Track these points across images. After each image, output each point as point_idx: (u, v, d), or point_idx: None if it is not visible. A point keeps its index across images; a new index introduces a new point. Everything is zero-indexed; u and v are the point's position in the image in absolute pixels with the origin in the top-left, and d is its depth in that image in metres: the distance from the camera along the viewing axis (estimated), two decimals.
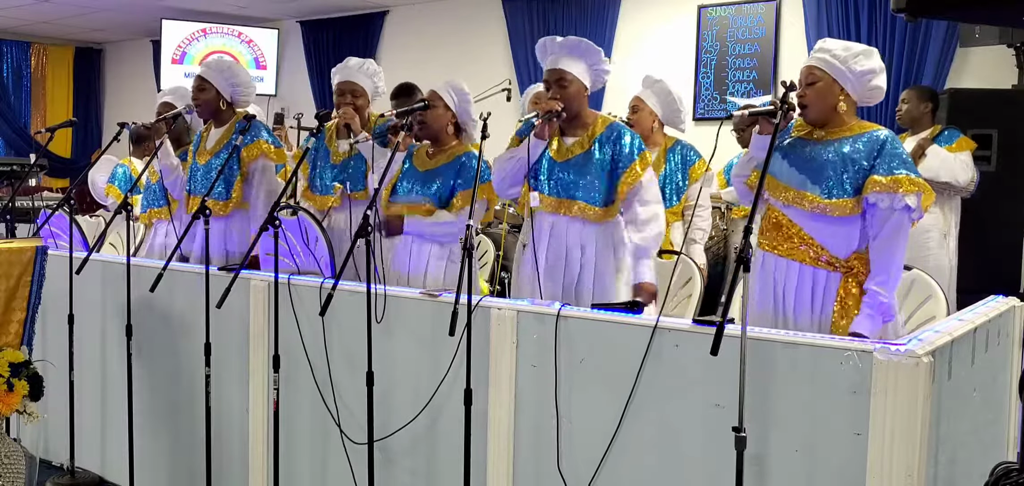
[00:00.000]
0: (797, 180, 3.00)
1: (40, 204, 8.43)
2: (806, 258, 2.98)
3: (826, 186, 2.94)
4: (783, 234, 3.04)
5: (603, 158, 3.47)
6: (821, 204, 2.94)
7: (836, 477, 2.37)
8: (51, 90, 13.25)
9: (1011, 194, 5.57)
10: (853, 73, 2.98)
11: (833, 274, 2.95)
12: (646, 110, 4.67)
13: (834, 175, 2.93)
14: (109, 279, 4.29)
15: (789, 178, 3.01)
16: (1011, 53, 6.09)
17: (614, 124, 3.56)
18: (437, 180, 3.78)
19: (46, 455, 4.63)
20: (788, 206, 3.02)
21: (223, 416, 3.78)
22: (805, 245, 2.99)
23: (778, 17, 7.73)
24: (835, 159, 2.95)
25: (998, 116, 5.70)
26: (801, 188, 2.98)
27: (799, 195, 2.98)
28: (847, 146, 2.97)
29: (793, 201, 3.00)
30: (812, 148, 3.03)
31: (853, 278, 2.94)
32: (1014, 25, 5.74)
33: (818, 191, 2.94)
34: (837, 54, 2.99)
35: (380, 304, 3.21)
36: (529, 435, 2.93)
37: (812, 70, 3.02)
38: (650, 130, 4.66)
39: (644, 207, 3.47)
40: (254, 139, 4.34)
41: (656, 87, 4.70)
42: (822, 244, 2.96)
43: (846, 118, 3.02)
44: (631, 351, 2.70)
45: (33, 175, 9.78)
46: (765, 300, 3.07)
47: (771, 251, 3.07)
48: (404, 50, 9.82)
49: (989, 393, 3.03)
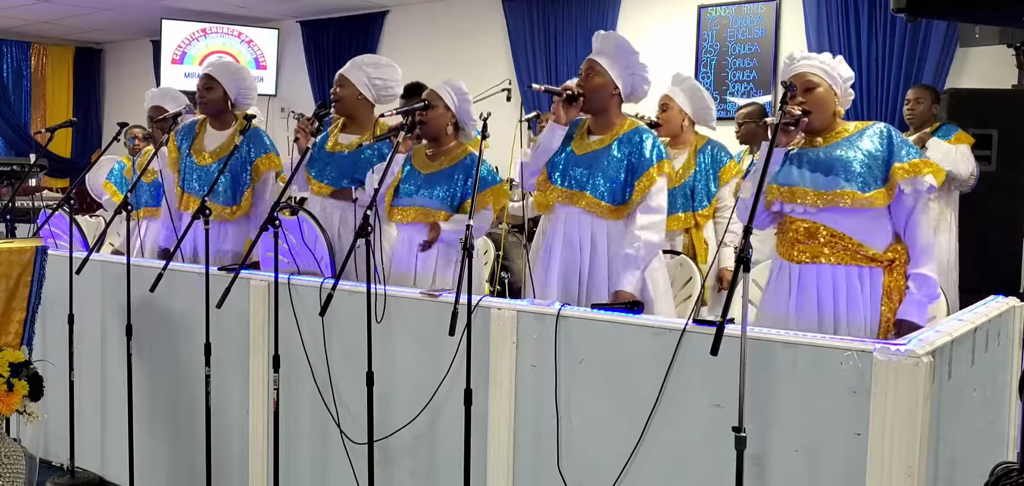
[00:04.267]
0: (827, 182, 2.97)
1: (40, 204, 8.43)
2: (850, 259, 2.97)
3: (861, 181, 2.94)
4: (820, 241, 3.00)
5: (621, 157, 3.40)
6: (861, 199, 2.93)
7: (836, 477, 2.37)
8: (51, 90, 13.26)
9: (1011, 194, 5.58)
10: (842, 78, 3.07)
11: (876, 270, 2.97)
12: (675, 108, 4.57)
13: (864, 170, 2.95)
14: (109, 279, 4.29)
15: (816, 183, 2.98)
16: (1011, 53, 6.09)
17: (639, 127, 3.48)
18: (443, 183, 3.77)
19: (46, 455, 4.63)
20: (822, 211, 2.98)
21: (223, 416, 3.78)
22: (845, 247, 2.97)
23: (778, 17, 7.73)
24: (859, 155, 2.96)
25: (998, 116, 5.71)
26: (834, 189, 2.95)
27: (835, 195, 2.95)
28: (860, 142, 2.99)
29: (830, 203, 2.96)
30: (825, 152, 3.01)
31: (897, 269, 2.97)
32: (1014, 25, 5.74)
33: (856, 187, 2.94)
34: (825, 61, 3.05)
35: (380, 304, 3.21)
36: (529, 435, 2.93)
37: (808, 78, 3.02)
38: (680, 129, 4.56)
39: (645, 215, 3.37)
40: (265, 151, 4.38)
41: (685, 84, 4.60)
42: (862, 242, 2.97)
43: (840, 121, 3.07)
44: (631, 351, 2.70)
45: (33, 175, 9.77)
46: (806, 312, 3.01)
47: (811, 261, 3.01)
48: (404, 50, 9.81)
49: (989, 393, 3.03)
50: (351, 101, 4.18)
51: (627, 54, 3.45)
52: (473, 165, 3.73)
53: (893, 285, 2.97)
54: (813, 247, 3.01)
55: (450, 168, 3.79)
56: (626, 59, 3.45)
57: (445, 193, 3.75)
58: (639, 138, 3.42)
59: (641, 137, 3.42)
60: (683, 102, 4.58)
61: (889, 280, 2.97)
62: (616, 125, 3.48)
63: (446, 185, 3.76)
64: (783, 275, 3.08)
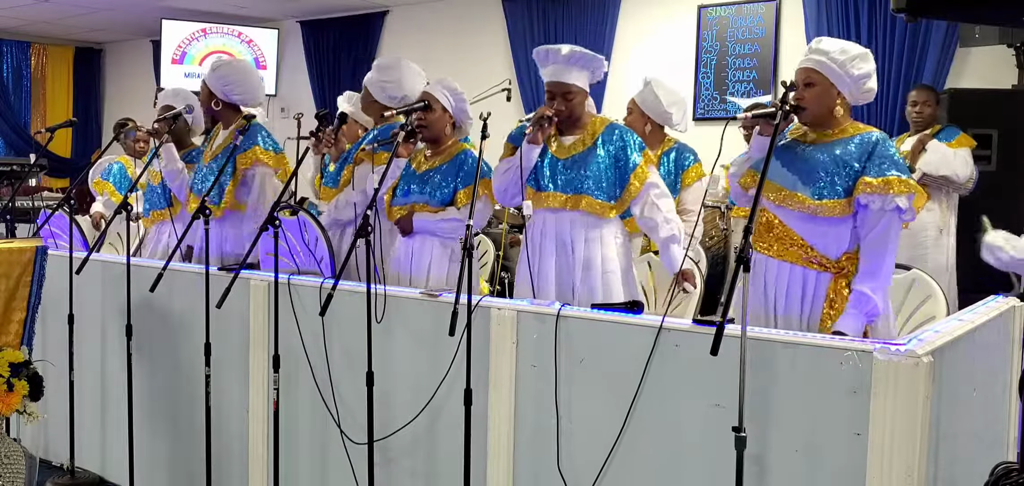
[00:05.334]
0: (788, 181, 2.99)
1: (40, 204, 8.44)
2: (796, 258, 2.98)
3: (817, 188, 2.93)
4: (774, 234, 3.04)
5: (606, 155, 3.48)
6: (811, 205, 2.93)
7: (836, 477, 2.37)
8: (51, 90, 13.25)
9: (1011, 194, 5.56)
10: (851, 77, 2.96)
11: (823, 274, 2.95)
12: (636, 112, 4.61)
13: (825, 177, 2.93)
14: (109, 279, 4.29)
15: (781, 179, 3.01)
16: (1011, 53, 6.08)
17: (612, 124, 3.57)
18: (435, 178, 3.79)
19: (46, 455, 4.63)
20: (779, 206, 3.02)
21: (223, 416, 3.78)
22: (795, 245, 2.98)
23: (778, 17, 7.73)
24: (827, 161, 2.94)
25: (998, 116, 5.70)
26: (792, 189, 2.98)
27: (790, 196, 2.98)
28: (839, 148, 2.96)
29: (784, 201, 2.99)
30: (805, 150, 3.02)
31: (843, 278, 2.93)
32: (1014, 25, 5.74)
33: (809, 192, 2.94)
34: (835, 57, 2.96)
35: (380, 304, 3.21)
36: (529, 435, 2.93)
37: (809, 72, 2.99)
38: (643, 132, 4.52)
39: (664, 200, 3.48)
40: (250, 145, 4.31)
41: (645, 89, 4.61)
42: (812, 245, 2.96)
43: (842, 120, 3.01)
44: (631, 351, 2.70)
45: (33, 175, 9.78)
46: (756, 299, 3.06)
47: (763, 251, 3.06)
48: (404, 50, 9.80)
49: (989, 393, 3.03)
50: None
51: (588, 61, 3.47)
52: (466, 160, 3.77)
53: (837, 293, 2.93)
54: (768, 239, 3.04)
55: (444, 165, 3.81)
56: (588, 65, 3.47)
57: (440, 190, 3.77)
58: (618, 135, 3.51)
59: (619, 133, 3.52)
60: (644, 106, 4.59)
61: (834, 288, 2.93)
62: (588, 122, 3.55)
63: (441, 182, 3.78)
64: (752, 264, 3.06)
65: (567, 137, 3.56)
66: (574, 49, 3.45)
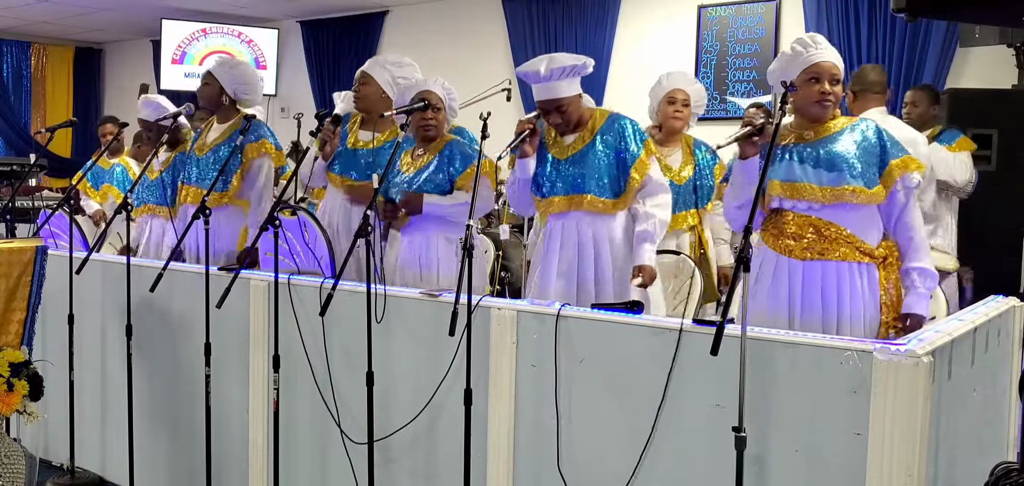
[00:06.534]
0: (833, 178, 2.95)
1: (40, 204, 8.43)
2: (852, 255, 2.97)
3: (866, 177, 2.95)
4: (825, 237, 2.98)
5: (606, 149, 3.49)
6: (866, 194, 2.94)
7: (836, 477, 2.37)
8: (51, 90, 13.25)
9: (1011, 194, 5.56)
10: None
11: (872, 265, 2.98)
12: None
13: (864, 166, 2.95)
14: (109, 279, 4.29)
15: (821, 179, 2.96)
16: (1011, 53, 6.08)
17: (613, 115, 3.57)
18: (431, 173, 3.81)
19: (46, 455, 4.63)
20: (828, 206, 2.96)
21: (223, 416, 3.78)
22: (848, 242, 2.97)
23: (778, 17, 7.73)
24: (857, 151, 2.96)
25: (998, 116, 5.69)
26: (841, 185, 2.94)
27: (840, 192, 2.94)
28: (853, 137, 2.99)
29: (835, 199, 2.95)
30: (822, 148, 3.00)
31: (889, 265, 3.00)
32: (1014, 25, 5.74)
33: (861, 182, 2.94)
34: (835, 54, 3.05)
35: (380, 304, 3.21)
36: (529, 435, 2.93)
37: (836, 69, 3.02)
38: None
39: (653, 196, 3.50)
40: (259, 137, 4.40)
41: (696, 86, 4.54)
42: (861, 237, 2.97)
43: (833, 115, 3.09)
44: (631, 351, 2.70)
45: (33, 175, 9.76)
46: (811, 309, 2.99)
47: (817, 257, 2.98)
48: (404, 50, 9.74)
49: (989, 393, 3.03)
50: (374, 98, 4.21)
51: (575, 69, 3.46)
52: (455, 145, 3.82)
53: (888, 280, 2.98)
54: (822, 244, 2.98)
55: (434, 158, 3.83)
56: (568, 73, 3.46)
57: (434, 181, 3.79)
58: (619, 125, 3.51)
59: (620, 124, 3.51)
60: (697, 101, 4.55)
61: (884, 275, 2.98)
62: (588, 119, 3.56)
63: (434, 173, 3.80)
64: (781, 272, 3.03)
65: (568, 136, 3.58)
66: (553, 64, 3.43)
